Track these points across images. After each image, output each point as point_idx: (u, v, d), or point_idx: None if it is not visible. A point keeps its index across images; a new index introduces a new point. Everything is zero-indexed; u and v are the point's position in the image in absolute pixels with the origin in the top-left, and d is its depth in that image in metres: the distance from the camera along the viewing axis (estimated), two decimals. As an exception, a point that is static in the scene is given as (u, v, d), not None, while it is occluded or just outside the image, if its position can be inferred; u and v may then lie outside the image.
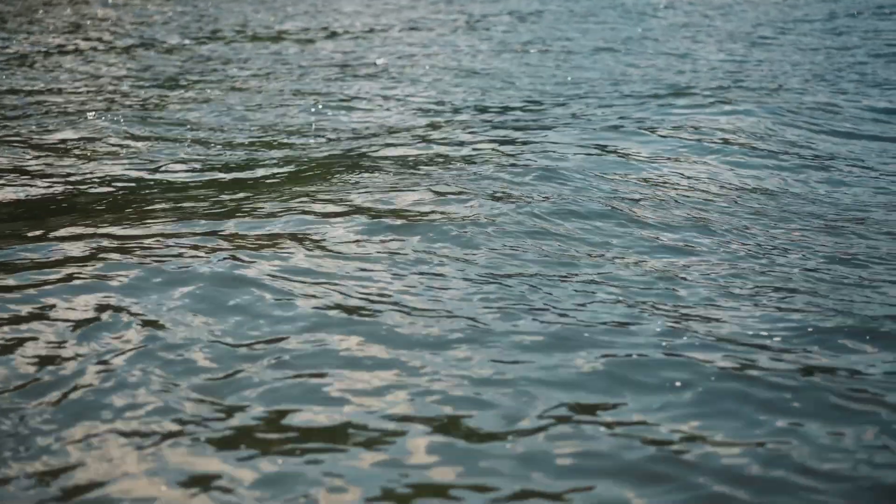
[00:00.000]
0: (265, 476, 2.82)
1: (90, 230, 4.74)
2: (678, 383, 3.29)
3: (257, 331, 3.66)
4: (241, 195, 5.31)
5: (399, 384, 3.31)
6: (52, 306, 3.86)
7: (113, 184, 5.82)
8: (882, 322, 3.87)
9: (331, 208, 4.97)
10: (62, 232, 4.72)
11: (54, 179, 5.95)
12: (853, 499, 2.77)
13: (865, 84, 9.11)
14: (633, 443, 2.97)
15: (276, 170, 5.99)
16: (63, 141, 6.97)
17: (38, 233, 4.74)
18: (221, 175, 5.95)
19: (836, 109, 8.12)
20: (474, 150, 6.36)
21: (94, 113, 7.83)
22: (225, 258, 4.26)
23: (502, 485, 2.80)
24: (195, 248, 4.40)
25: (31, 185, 5.81)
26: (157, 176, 5.98)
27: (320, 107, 8.15)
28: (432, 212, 4.93)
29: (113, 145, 6.83)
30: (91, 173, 6.08)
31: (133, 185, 5.79)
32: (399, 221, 4.75)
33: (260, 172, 5.96)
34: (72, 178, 5.97)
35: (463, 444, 2.98)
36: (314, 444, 2.97)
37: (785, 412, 3.15)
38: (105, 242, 4.51)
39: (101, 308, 3.83)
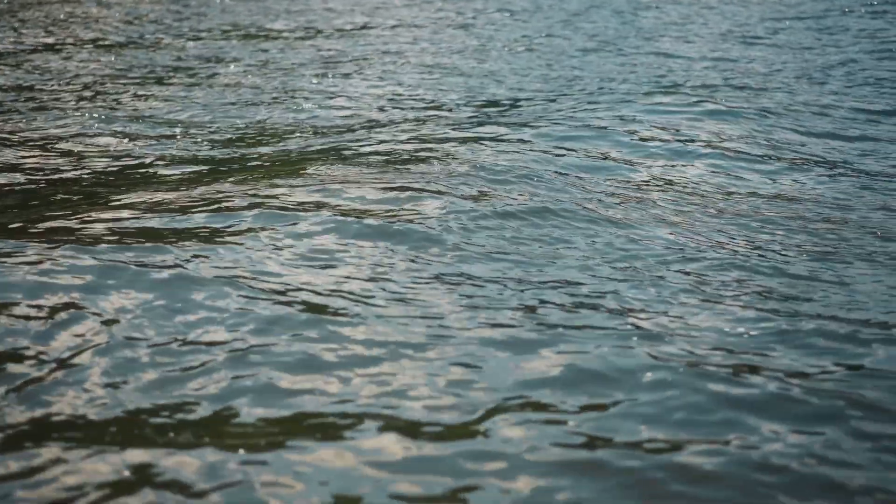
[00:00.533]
0: (216, 472, 2.81)
1: (61, 224, 4.73)
2: (644, 382, 3.28)
3: (219, 326, 3.64)
4: (216, 190, 5.29)
5: (359, 382, 3.30)
6: (15, 301, 3.84)
7: (91, 179, 5.81)
8: (855, 322, 3.85)
9: (303, 205, 4.95)
10: (34, 227, 4.71)
11: (33, 174, 5.94)
12: (813, 497, 2.75)
13: (854, 83, 9.09)
14: (595, 441, 2.96)
15: (254, 166, 5.98)
16: (45, 136, 6.97)
17: (11, 227, 4.73)
18: (201, 170, 5.94)
19: (823, 108, 8.10)
20: (454, 147, 6.33)
21: (77, 109, 7.82)
22: (192, 253, 4.25)
23: (456, 482, 2.79)
24: (164, 242, 4.39)
25: (9, 180, 5.80)
26: (136, 171, 5.96)
27: (305, 104, 8.13)
28: (405, 209, 4.91)
29: (95, 141, 6.82)
30: (70, 168, 6.07)
31: (112, 179, 5.78)
32: (371, 219, 4.74)
33: (239, 168, 5.94)
34: (50, 173, 5.96)
35: (419, 442, 2.97)
36: (268, 441, 2.96)
37: (747, 410, 3.14)
38: (74, 237, 4.49)
39: (63, 303, 3.82)
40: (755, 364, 3.43)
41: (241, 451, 2.89)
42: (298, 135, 7.06)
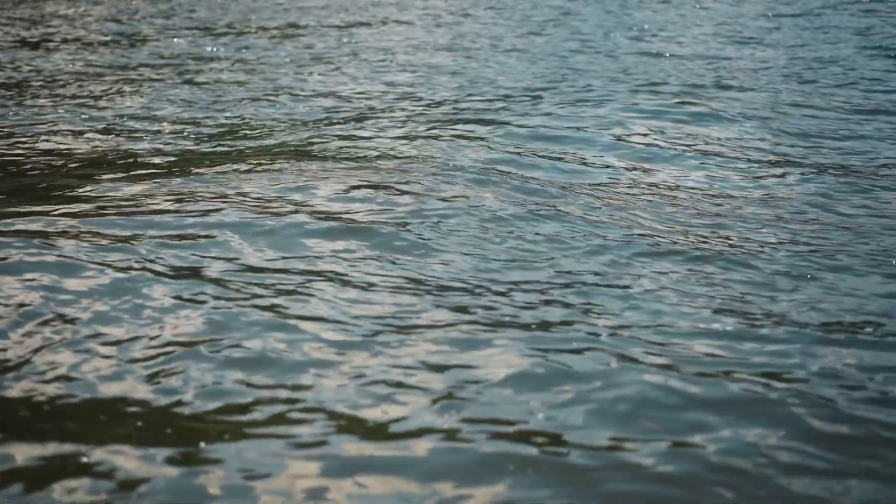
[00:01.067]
0: (164, 466, 2.79)
1: (31, 219, 4.71)
2: (606, 381, 3.25)
3: (182, 322, 3.61)
4: (187, 187, 5.25)
5: (316, 380, 3.27)
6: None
7: (65, 174, 5.78)
8: (826, 325, 3.81)
9: (273, 202, 4.93)
10: (2, 222, 4.67)
11: (8, 168, 5.91)
12: (765, 499, 2.71)
13: (843, 82, 9.03)
14: (551, 439, 2.94)
15: (230, 162, 5.90)
16: (25, 132, 6.94)
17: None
18: (176, 166, 5.88)
19: (810, 108, 8.05)
20: (432, 145, 6.30)
21: (59, 105, 7.78)
22: (157, 250, 4.23)
23: (409, 480, 2.76)
24: (129, 239, 4.37)
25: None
26: (111, 167, 5.92)
27: (289, 101, 8.09)
28: (376, 207, 4.89)
29: (73, 137, 6.79)
30: (47, 164, 6.06)
31: (85, 174, 5.74)
32: (340, 217, 4.71)
33: (213, 165, 5.87)
34: (27, 168, 5.94)
35: (374, 440, 2.94)
36: (219, 437, 2.94)
37: (708, 410, 3.10)
38: (42, 232, 4.48)
39: (28, 299, 3.80)
40: (720, 364, 3.40)
41: (190, 447, 2.87)
42: (277, 131, 7.01)
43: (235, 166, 5.66)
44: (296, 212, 4.72)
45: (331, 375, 3.28)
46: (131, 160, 6.09)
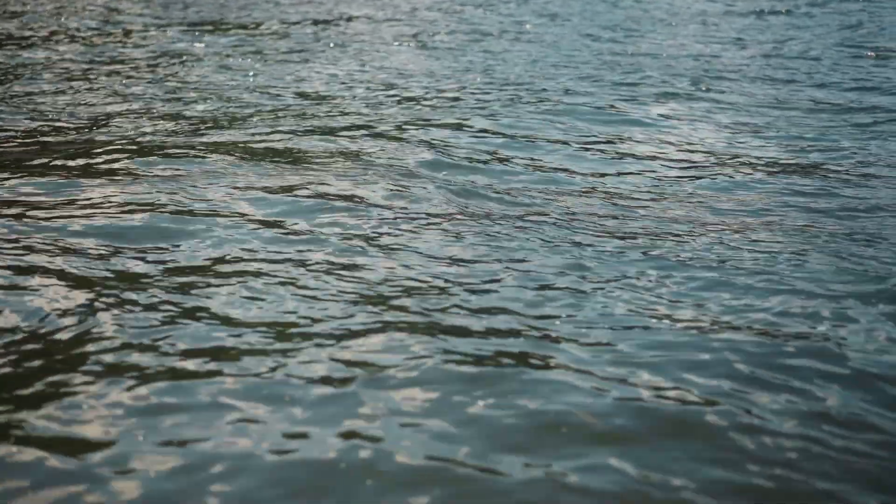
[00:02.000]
0: (48, 462, 2.76)
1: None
2: (542, 390, 3.19)
3: (94, 325, 3.53)
4: (134, 189, 5.15)
5: (240, 386, 3.20)
6: None
7: (29, 164, 5.69)
8: (785, 333, 3.73)
9: (208, 203, 4.87)
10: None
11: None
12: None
13: (824, 83, 8.99)
14: (480, 451, 2.86)
15: (174, 160, 5.81)
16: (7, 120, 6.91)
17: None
18: (117, 164, 5.76)
19: (790, 108, 8.04)
20: (389, 147, 6.23)
21: (29, 97, 7.73)
22: (95, 256, 4.17)
23: (326, 488, 2.71)
24: (66, 243, 4.32)
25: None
26: (50, 164, 5.82)
27: (249, 98, 8.00)
28: (325, 215, 4.82)
29: (22, 132, 6.71)
30: (17, 154, 5.98)
31: (26, 172, 5.64)
32: (285, 225, 4.63)
33: (159, 163, 5.76)
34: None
35: (300, 447, 2.87)
36: (121, 434, 2.87)
37: (633, 421, 3.04)
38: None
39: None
40: (657, 371, 3.33)
41: (89, 441, 2.86)
42: (235, 129, 6.91)
43: (184, 166, 5.58)
44: (238, 213, 4.67)
45: (250, 376, 3.22)
46: (82, 157, 5.99)
